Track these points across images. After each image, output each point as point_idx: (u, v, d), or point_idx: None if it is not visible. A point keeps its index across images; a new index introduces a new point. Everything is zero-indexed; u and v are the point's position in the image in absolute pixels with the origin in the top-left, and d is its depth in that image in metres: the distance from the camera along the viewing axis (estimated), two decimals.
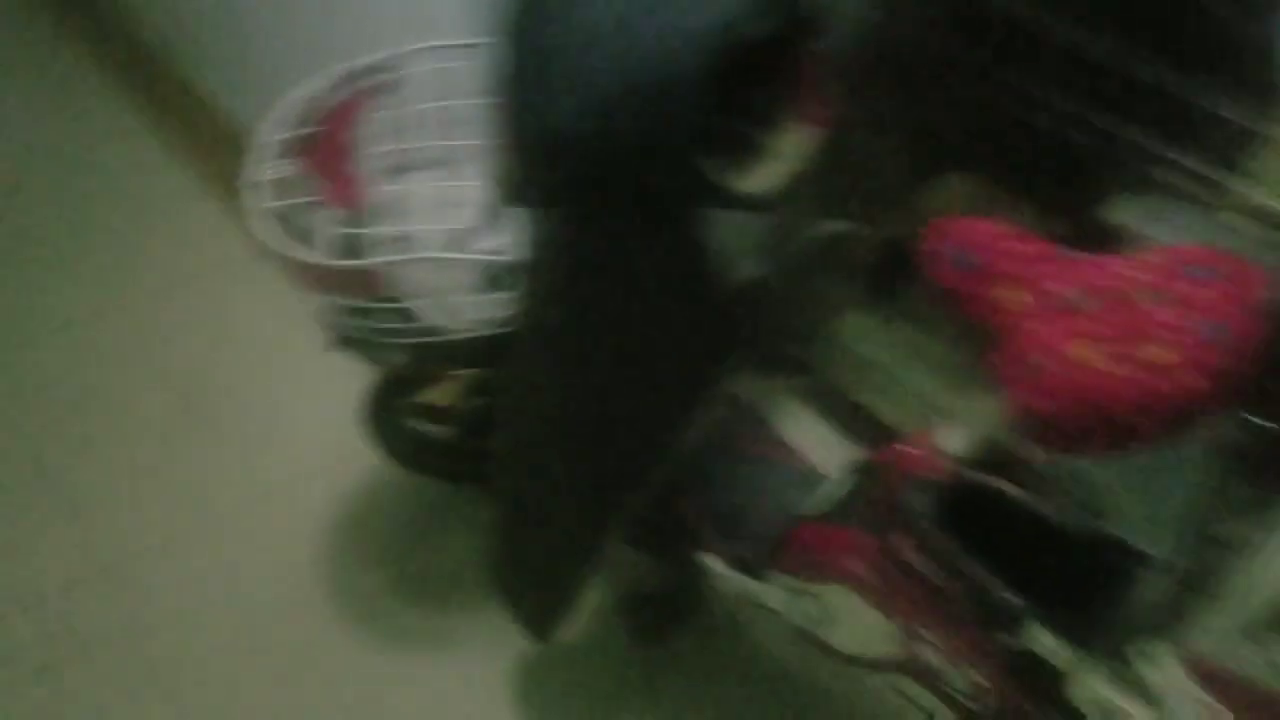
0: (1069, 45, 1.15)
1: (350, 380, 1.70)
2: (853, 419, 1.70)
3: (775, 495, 1.49)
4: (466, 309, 1.37)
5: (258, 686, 1.69)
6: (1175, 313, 0.99)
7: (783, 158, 1.02)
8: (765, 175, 1.02)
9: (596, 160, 0.99)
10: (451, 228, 1.34)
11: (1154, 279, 1.04)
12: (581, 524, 1.36)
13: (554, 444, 1.33)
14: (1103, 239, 1.19)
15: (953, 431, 1.25)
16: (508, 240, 1.35)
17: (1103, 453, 1.03)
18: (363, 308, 1.36)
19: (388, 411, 1.74)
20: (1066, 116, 1.26)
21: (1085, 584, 1.21)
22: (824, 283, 2.20)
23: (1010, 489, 1.30)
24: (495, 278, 1.37)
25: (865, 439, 1.61)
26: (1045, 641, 1.18)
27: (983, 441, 1.24)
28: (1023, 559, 1.22)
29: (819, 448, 1.57)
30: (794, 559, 1.39)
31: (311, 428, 2.07)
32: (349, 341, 1.44)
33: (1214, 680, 1.02)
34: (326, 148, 1.36)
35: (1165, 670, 1.06)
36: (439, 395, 1.77)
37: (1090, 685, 1.12)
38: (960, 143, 1.65)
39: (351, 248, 1.32)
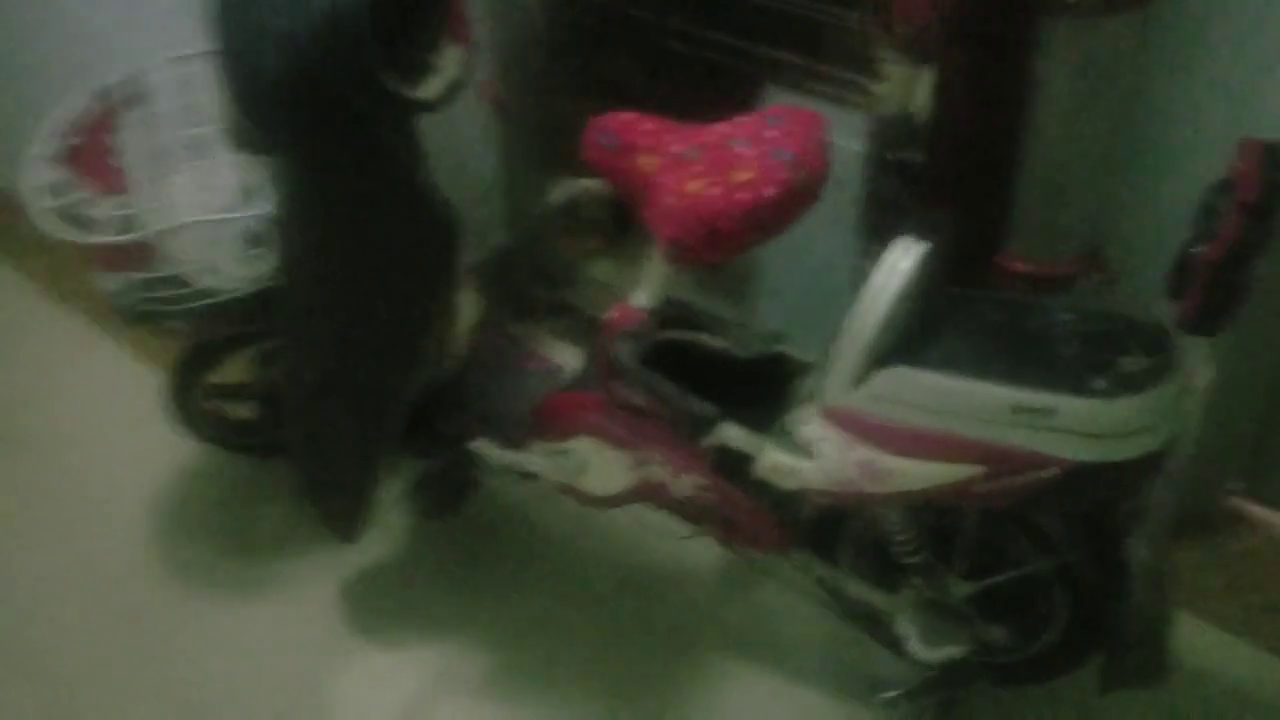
0: None
1: (150, 390, 1.92)
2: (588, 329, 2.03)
3: (530, 390, 1.79)
4: (232, 269, 1.63)
5: (116, 663, 1.87)
6: (755, 149, 1.35)
7: (444, 71, 1.34)
8: (433, 85, 1.34)
9: (302, 97, 1.27)
10: (208, 199, 1.59)
11: (743, 131, 1.39)
12: (360, 430, 1.63)
13: (328, 367, 1.60)
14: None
15: (641, 294, 1.57)
16: (259, 208, 1.62)
17: (726, 257, 1.37)
18: (145, 279, 1.60)
19: (186, 394, 1.96)
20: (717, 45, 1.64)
21: (761, 389, 1.55)
22: (570, 236, 2.55)
23: (696, 335, 1.64)
24: (252, 239, 1.64)
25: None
26: (734, 434, 1.51)
27: (662, 298, 1.57)
28: (712, 381, 1.56)
29: (562, 354, 1.87)
30: (547, 427, 1.69)
31: (122, 432, 2.27)
32: (140, 316, 1.67)
33: (839, 419, 1.36)
34: (91, 151, 1.61)
35: (810, 426, 1.39)
36: (232, 374, 2.00)
37: (767, 455, 1.45)
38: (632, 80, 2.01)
39: (125, 228, 1.56)
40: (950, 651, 1.49)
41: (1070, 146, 1.53)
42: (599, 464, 1.65)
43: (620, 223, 2.38)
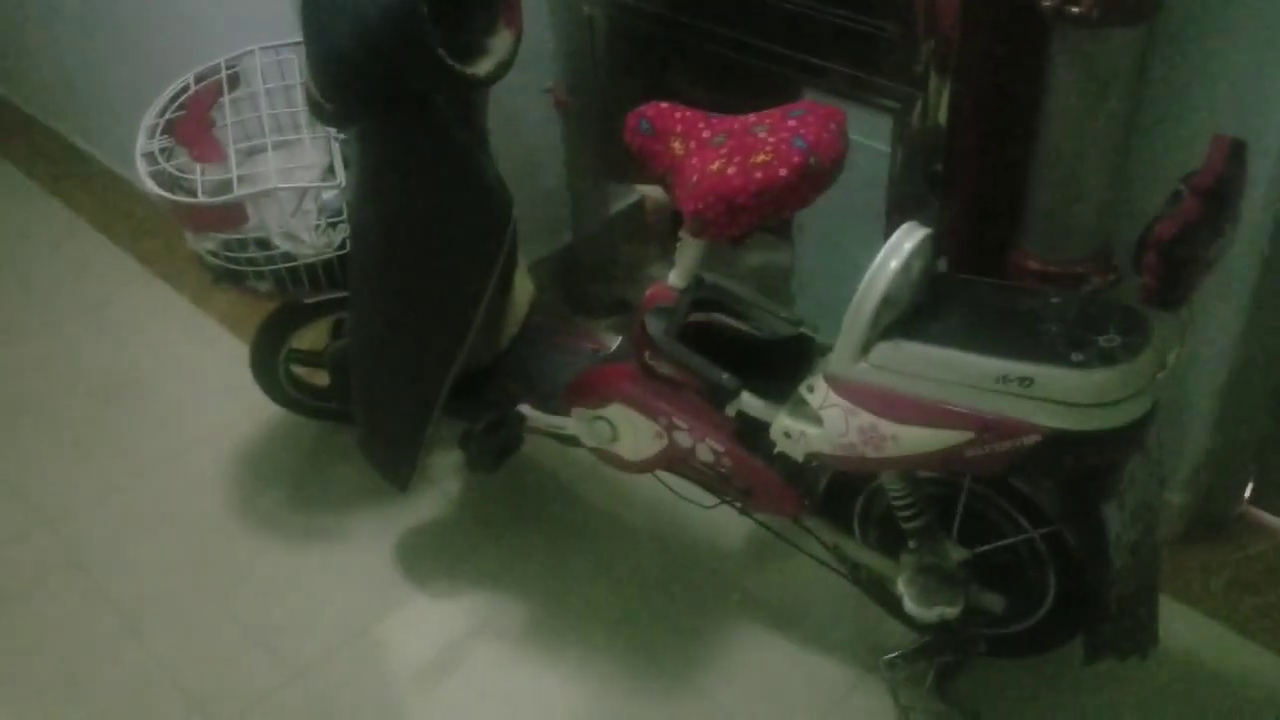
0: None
1: (240, 361, 2.17)
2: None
3: (575, 365, 1.95)
4: (310, 237, 1.82)
5: (186, 593, 2.07)
6: (774, 136, 1.49)
7: (495, 52, 1.52)
8: (484, 65, 1.52)
9: (368, 73, 1.46)
10: (293, 172, 1.79)
11: (766, 120, 1.54)
12: (412, 390, 1.81)
13: (387, 331, 1.78)
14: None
15: (674, 273, 1.71)
16: (337, 182, 1.82)
17: (744, 231, 1.51)
18: (233, 240, 1.81)
19: (269, 358, 2.16)
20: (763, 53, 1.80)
21: (783, 368, 1.69)
22: (631, 240, 2.72)
23: (724, 317, 1.78)
24: (331, 211, 1.83)
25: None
26: (753, 404, 1.65)
27: (693, 277, 1.72)
28: (738, 359, 1.69)
29: (612, 342, 2.02)
30: (585, 395, 1.84)
31: (213, 395, 2.49)
32: (225, 275, 1.88)
33: (843, 388, 1.49)
34: (192, 124, 1.83)
35: (818, 394, 1.52)
36: (310, 341, 2.20)
37: (779, 422, 1.59)
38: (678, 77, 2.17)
39: (217, 191, 1.77)
40: (943, 611, 1.60)
41: (1081, 149, 1.64)
42: (630, 430, 1.80)
43: (677, 228, 2.54)
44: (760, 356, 1.72)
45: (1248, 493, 2.09)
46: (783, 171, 1.44)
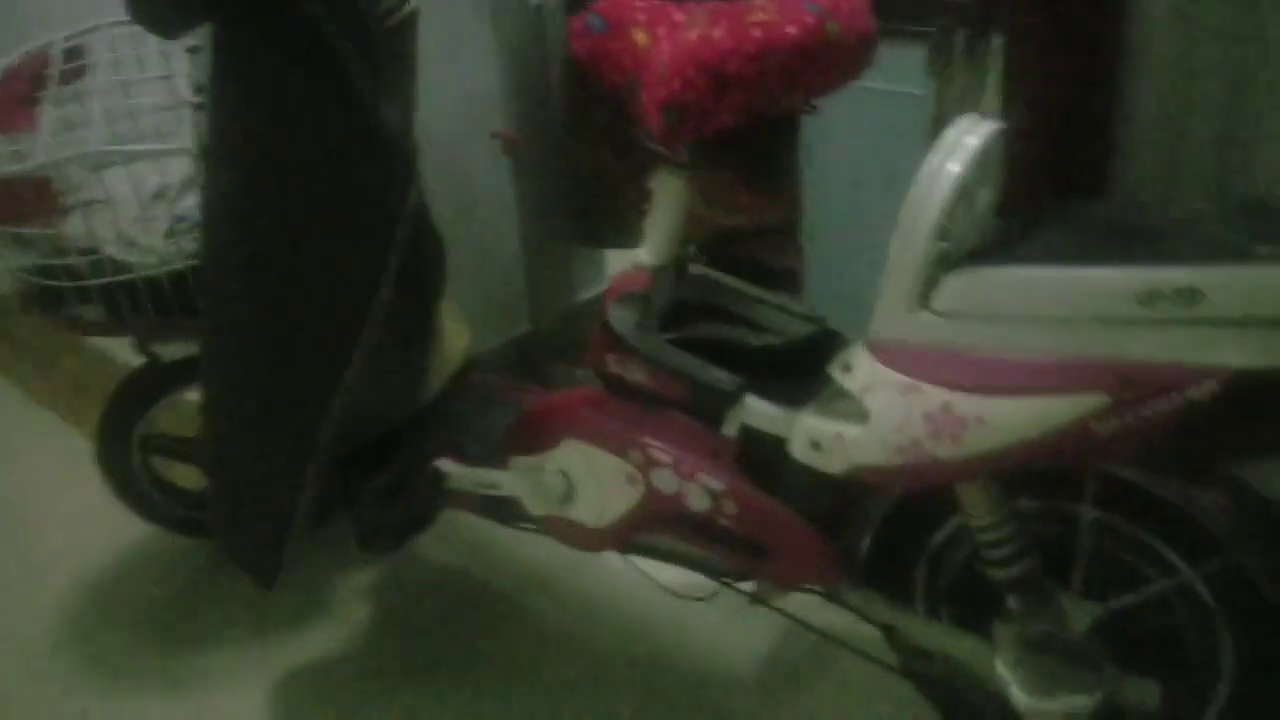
0: None
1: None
2: None
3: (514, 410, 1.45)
4: (159, 244, 1.36)
5: None
6: (778, 2, 1.06)
7: None
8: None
9: None
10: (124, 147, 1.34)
11: None
12: (283, 437, 1.29)
13: (245, 348, 1.28)
14: None
15: (645, 249, 1.25)
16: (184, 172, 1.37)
17: (739, 117, 1.05)
18: (48, 245, 1.34)
19: (119, 450, 1.65)
20: None
21: (794, 362, 1.20)
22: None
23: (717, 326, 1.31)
24: (193, 222, 1.37)
25: None
26: (762, 411, 1.15)
27: (672, 253, 1.25)
28: (740, 367, 1.21)
29: None
30: (528, 435, 1.34)
31: (65, 495, 1.97)
32: (38, 298, 1.40)
33: (896, 356, 1.00)
34: (9, 98, 1.38)
35: (859, 372, 1.04)
36: (176, 424, 1.69)
37: (803, 427, 1.09)
38: None
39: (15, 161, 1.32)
40: (1073, 703, 1.05)
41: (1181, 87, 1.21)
42: (590, 480, 1.29)
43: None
44: (772, 366, 1.23)
45: None
46: (791, 29, 1.00)
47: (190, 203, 1.40)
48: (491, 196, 2.02)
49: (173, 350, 1.59)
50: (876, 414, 1.02)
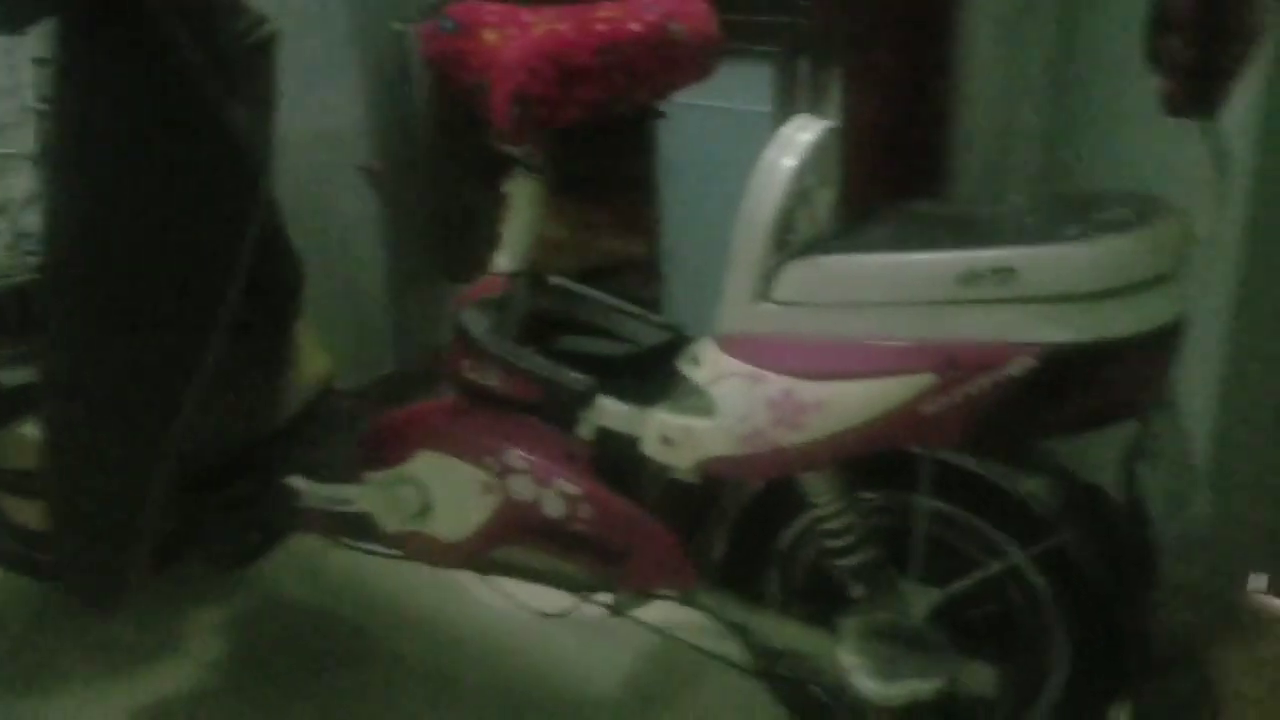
0: None
1: None
2: None
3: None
4: None
5: None
6: (624, 7, 1.10)
7: None
8: None
9: None
10: None
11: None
12: (125, 457, 1.25)
13: (85, 351, 1.24)
14: None
15: (501, 254, 1.27)
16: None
17: (584, 111, 1.09)
18: None
19: None
20: None
21: (650, 366, 1.23)
22: None
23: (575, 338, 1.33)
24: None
25: None
26: (614, 411, 1.17)
27: (528, 259, 1.27)
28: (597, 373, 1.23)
29: None
30: (381, 447, 1.32)
31: None
32: None
33: (741, 348, 1.03)
34: None
35: (706, 365, 1.06)
36: (17, 456, 1.61)
37: (653, 423, 1.11)
38: None
39: None
40: (915, 687, 1.07)
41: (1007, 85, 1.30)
42: (446, 492, 1.27)
43: None
44: (628, 370, 1.25)
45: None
46: (634, 25, 1.05)
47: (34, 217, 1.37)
48: (357, 232, 2.01)
49: (11, 377, 1.54)
50: (722, 404, 1.04)
